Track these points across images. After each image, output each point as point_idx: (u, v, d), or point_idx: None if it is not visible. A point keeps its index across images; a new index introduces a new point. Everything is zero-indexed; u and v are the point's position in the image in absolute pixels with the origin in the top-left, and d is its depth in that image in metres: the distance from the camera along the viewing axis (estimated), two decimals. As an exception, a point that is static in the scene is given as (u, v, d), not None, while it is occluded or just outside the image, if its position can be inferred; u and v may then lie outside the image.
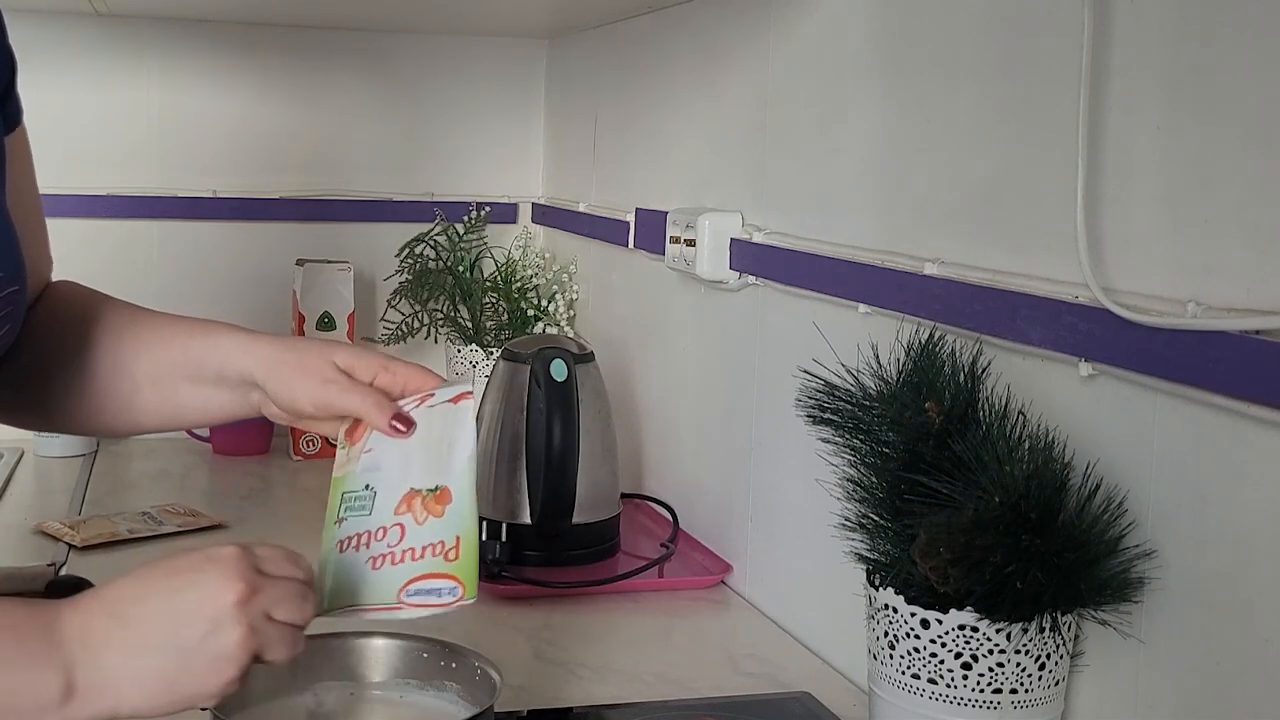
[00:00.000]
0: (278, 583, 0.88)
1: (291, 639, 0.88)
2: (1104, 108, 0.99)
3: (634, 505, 1.88)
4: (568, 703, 1.28)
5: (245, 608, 0.85)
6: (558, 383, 1.64)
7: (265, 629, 0.86)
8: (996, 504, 0.93)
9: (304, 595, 0.89)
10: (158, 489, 2.01)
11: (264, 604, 0.86)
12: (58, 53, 2.31)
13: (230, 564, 0.86)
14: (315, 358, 1.08)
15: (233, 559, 0.87)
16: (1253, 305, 0.86)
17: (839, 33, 1.40)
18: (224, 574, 0.86)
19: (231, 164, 2.40)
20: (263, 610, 0.86)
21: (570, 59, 2.39)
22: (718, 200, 1.68)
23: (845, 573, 1.14)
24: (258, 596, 0.86)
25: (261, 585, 0.86)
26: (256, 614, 0.86)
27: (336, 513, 1.03)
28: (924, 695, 1.00)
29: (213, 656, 0.84)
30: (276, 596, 0.87)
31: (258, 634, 0.86)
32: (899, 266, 1.25)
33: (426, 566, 0.98)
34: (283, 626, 0.87)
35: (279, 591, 0.87)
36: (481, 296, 2.35)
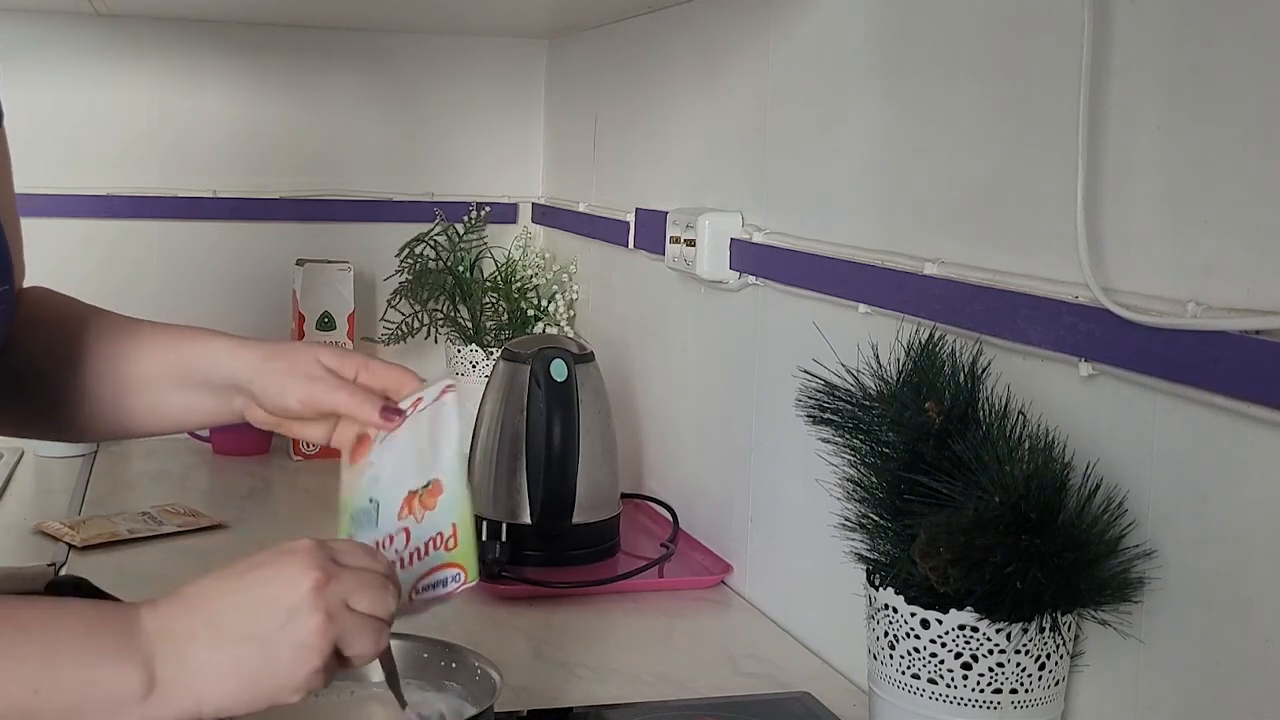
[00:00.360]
0: (355, 572, 0.87)
1: (374, 630, 0.86)
2: (1104, 108, 0.99)
3: (634, 505, 1.88)
4: (568, 703, 1.28)
5: (322, 593, 0.84)
6: (558, 383, 1.64)
7: (344, 617, 0.85)
8: (996, 504, 0.93)
9: (384, 585, 0.88)
10: (158, 489, 2.01)
11: (341, 591, 0.85)
12: (58, 53, 2.31)
13: (306, 554, 0.86)
14: (302, 357, 1.09)
15: (308, 549, 0.86)
16: (1253, 305, 0.86)
17: (839, 33, 1.40)
18: (300, 563, 0.85)
19: (231, 164, 2.40)
20: (341, 598, 0.85)
21: (570, 59, 2.39)
22: (718, 200, 1.68)
23: (845, 573, 1.14)
24: (334, 583, 0.85)
25: (338, 573, 0.86)
26: (334, 601, 0.85)
27: (346, 531, 1.04)
28: (924, 695, 1.00)
29: (293, 645, 0.83)
30: (354, 584, 0.86)
31: (336, 622, 0.84)
32: (899, 266, 1.25)
33: (431, 561, 1.00)
34: (363, 617, 0.86)
35: (357, 579, 0.86)
36: (481, 296, 2.35)
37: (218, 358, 1.11)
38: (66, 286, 2.48)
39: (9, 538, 1.77)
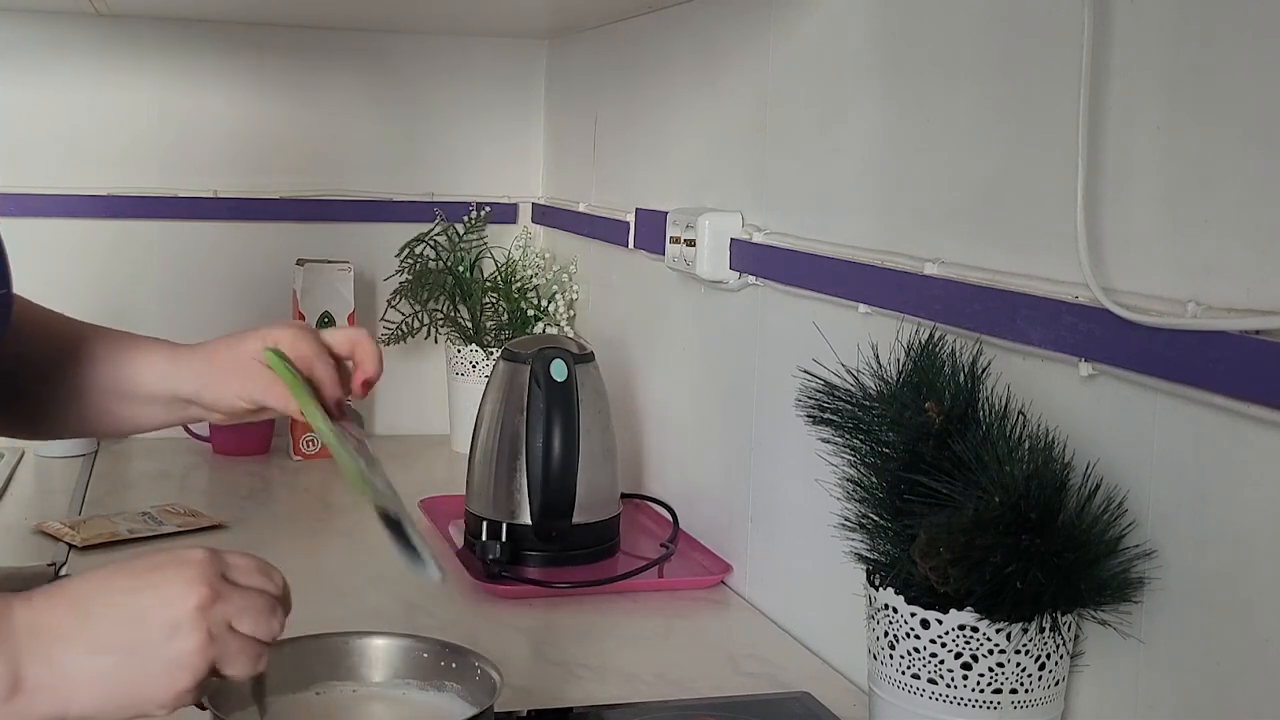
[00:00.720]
0: (245, 593, 0.85)
1: (253, 653, 0.84)
2: (1104, 108, 0.99)
3: (634, 505, 1.88)
4: (568, 703, 1.28)
5: (206, 614, 0.82)
6: (558, 383, 1.64)
7: (226, 639, 0.83)
8: (996, 504, 0.93)
9: (271, 609, 0.86)
10: (158, 489, 2.01)
11: (227, 613, 0.83)
12: (58, 53, 2.31)
13: (196, 567, 0.83)
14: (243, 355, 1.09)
15: (200, 563, 0.84)
16: (1253, 305, 0.86)
17: (839, 33, 1.40)
18: (188, 577, 0.83)
19: (231, 164, 2.40)
20: (225, 619, 0.83)
21: (570, 59, 2.39)
22: (718, 200, 1.68)
23: (845, 573, 1.14)
24: (220, 604, 0.83)
25: (227, 594, 0.83)
26: (218, 622, 0.82)
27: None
28: (924, 695, 1.00)
29: (169, 661, 0.81)
30: (241, 606, 0.84)
31: (217, 643, 0.82)
32: (899, 266, 1.25)
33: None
34: (245, 639, 0.84)
35: (244, 601, 0.84)
36: (481, 296, 2.35)
37: (156, 374, 1.12)
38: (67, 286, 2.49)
39: (9, 538, 1.77)
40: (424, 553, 0.99)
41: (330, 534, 1.84)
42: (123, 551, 1.69)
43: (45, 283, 2.26)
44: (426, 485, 2.03)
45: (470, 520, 1.70)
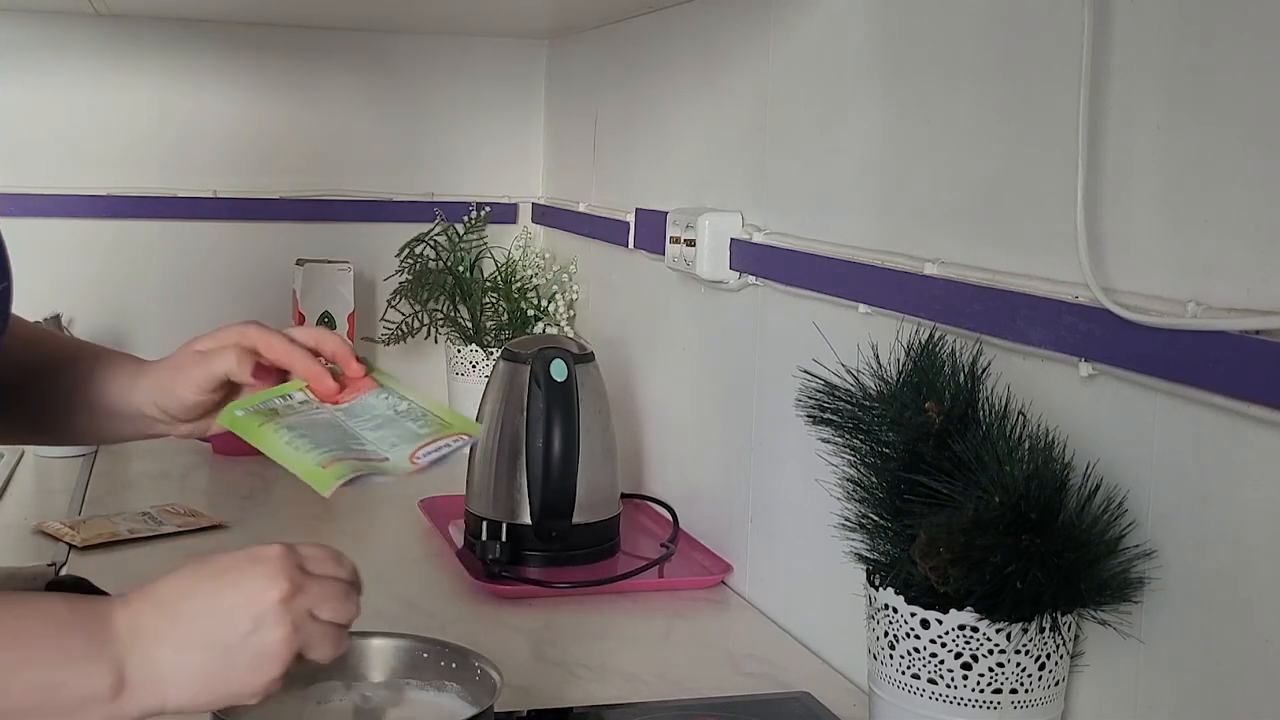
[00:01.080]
0: (322, 582, 0.89)
1: (335, 638, 0.89)
2: (1104, 108, 0.99)
3: (634, 505, 1.88)
4: (568, 703, 1.28)
5: (289, 606, 0.86)
6: (558, 383, 1.64)
7: (309, 628, 0.87)
8: (996, 504, 0.93)
9: (348, 595, 0.90)
10: (158, 489, 2.01)
11: (308, 603, 0.87)
12: (58, 53, 2.31)
13: (275, 562, 0.87)
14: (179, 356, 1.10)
15: (277, 558, 0.87)
16: (1253, 305, 0.86)
17: (839, 33, 1.40)
18: (268, 572, 0.86)
19: (231, 164, 2.40)
20: (306, 609, 0.87)
21: (570, 59, 2.39)
22: (718, 200, 1.68)
23: (845, 573, 1.14)
24: (301, 595, 0.86)
25: (305, 584, 0.87)
26: (300, 613, 0.86)
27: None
28: (924, 695, 1.00)
29: (256, 655, 0.85)
30: (321, 595, 0.88)
31: (301, 633, 0.86)
32: (899, 266, 1.25)
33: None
34: (326, 625, 0.88)
35: (323, 590, 0.88)
36: (481, 296, 2.35)
37: (120, 389, 1.13)
38: (67, 286, 2.49)
39: (9, 538, 1.77)
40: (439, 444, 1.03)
41: (330, 534, 1.84)
42: (123, 552, 1.68)
43: (45, 283, 2.27)
44: (427, 485, 2.03)
45: (470, 520, 1.70)
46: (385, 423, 1.08)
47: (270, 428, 1.05)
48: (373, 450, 1.04)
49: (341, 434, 1.05)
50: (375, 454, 1.03)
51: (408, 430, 1.07)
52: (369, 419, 1.09)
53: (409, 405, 1.10)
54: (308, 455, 1.01)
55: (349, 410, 1.09)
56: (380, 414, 1.09)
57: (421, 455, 1.05)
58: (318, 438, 1.04)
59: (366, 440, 1.05)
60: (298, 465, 1.01)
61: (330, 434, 1.05)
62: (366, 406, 1.10)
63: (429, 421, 1.08)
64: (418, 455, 1.05)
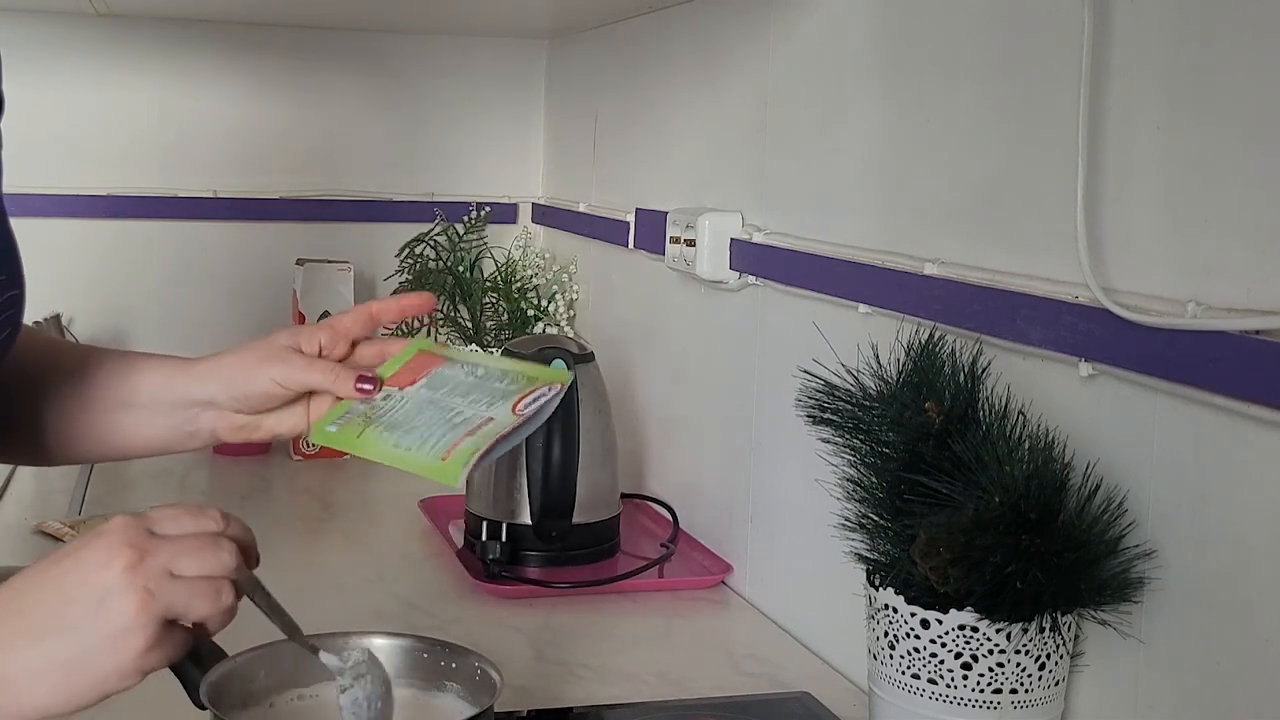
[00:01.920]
0: (177, 540, 0.82)
1: (210, 591, 0.81)
2: (1104, 108, 0.99)
3: (634, 505, 1.88)
4: (568, 703, 1.28)
5: (136, 571, 0.79)
6: (558, 383, 1.64)
7: (169, 588, 0.80)
8: (996, 504, 0.93)
9: (213, 544, 0.83)
10: (158, 489, 2.01)
11: (160, 564, 0.80)
12: (58, 53, 2.31)
13: (115, 533, 0.81)
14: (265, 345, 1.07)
15: (119, 528, 0.81)
16: (1253, 305, 0.86)
17: (839, 33, 1.40)
18: (110, 543, 0.80)
19: (231, 164, 2.40)
20: (161, 569, 0.80)
21: (570, 59, 2.39)
22: (718, 200, 1.68)
23: (845, 573, 1.14)
24: (149, 559, 0.80)
25: (154, 547, 0.81)
26: (155, 575, 0.80)
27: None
28: (924, 695, 1.00)
29: (109, 631, 0.78)
30: (175, 550, 0.81)
31: (159, 596, 0.79)
32: (899, 266, 1.25)
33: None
34: (195, 581, 0.81)
35: (177, 546, 0.82)
36: (481, 296, 2.35)
37: (160, 378, 1.09)
38: (67, 286, 2.49)
39: (9, 538, 1.77)
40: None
41: (330, 534, 1.84)
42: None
43: (45, 283, 2.26)
44: (427, 485, 2.03)
45: (470, 520, 1.70)
46: (471, 388, 1.05)
47: (371, 434, 1.02)
48: (473, 415, 1.01)
49: (438, 412, 1.02)
50: (478, 419, 1.00)
51: (496, 389, 1.04)
52: (453, 388, 1.06)
53: (485, 369, 1.07)
54: (421, 452, 0.98)
55: (430, 384, 1.07)
56: (462, 381, 1.06)
57: (522, 407, 1.02)
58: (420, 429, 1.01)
59: (462, 409, 1.02)
60: (416, 466, 0.98)
61: (428, 417, 1.02)
62: (445, 379, 1.07)
63: (514, 379, 1.05)
64: (519, 407, 1.01)
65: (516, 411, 1.02)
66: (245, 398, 1.07)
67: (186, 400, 1.09)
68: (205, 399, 1.08)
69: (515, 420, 1.00)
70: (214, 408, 1.08)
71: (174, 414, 1.10)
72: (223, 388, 1.07)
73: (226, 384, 1.07)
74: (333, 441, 1.03)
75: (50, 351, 1.15)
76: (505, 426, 1.00)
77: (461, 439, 0.99)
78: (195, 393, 1.09)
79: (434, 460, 0.98)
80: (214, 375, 1.08)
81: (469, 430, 1.00)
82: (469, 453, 0.97)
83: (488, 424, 1.00)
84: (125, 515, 0.83)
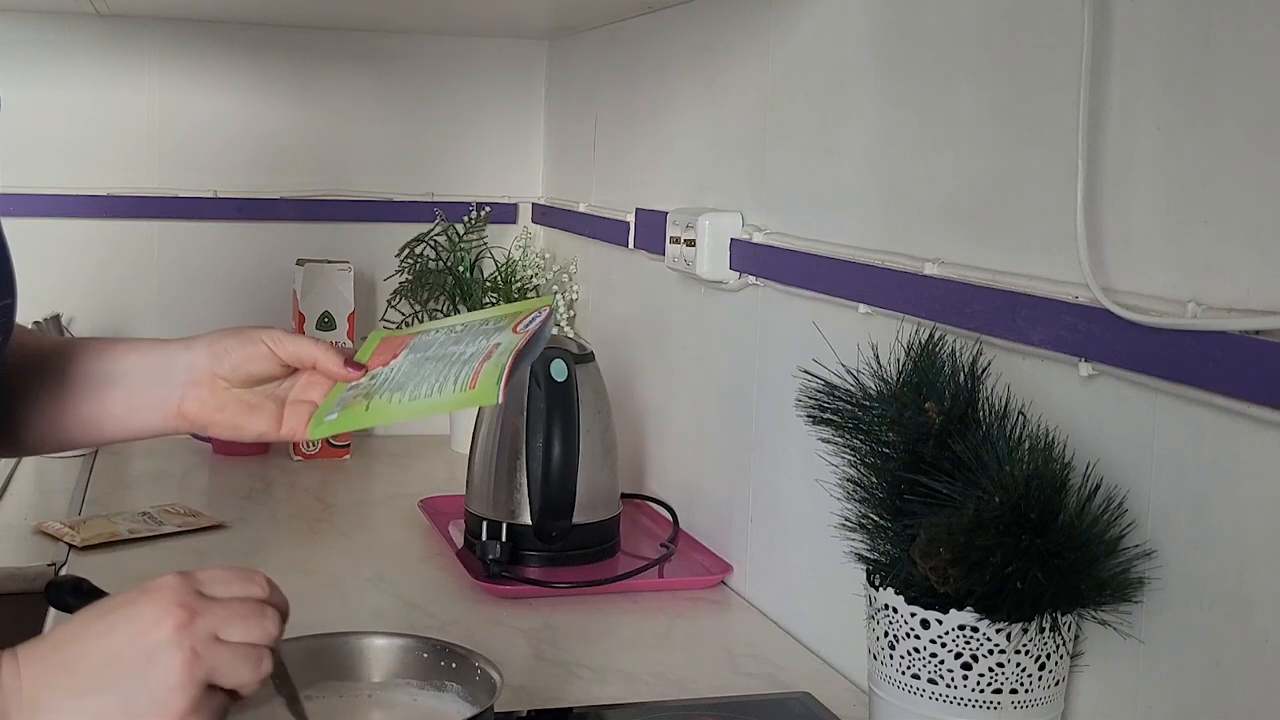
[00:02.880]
0: (225, 603, 0.83)
1: (252, 659, 0.83)
2: (1104, 108, 0.99)
3: (634, 505, 1.88)
4: (568, 703, 1.28)
5: (185, 633, 0.80)
6: (558, 383, 1.64)
7: (215, 652, 0.81)
8: (996, 504, 0.93)
9: (259, 612, 0.84)
10: (158, 489, 2.01)
11: (208, 627, 0.81)
12: (58, 53, 2.31)
13: (167, 591, 0.82)
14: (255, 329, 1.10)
15: (170, 586, 0.83)
16: (1253, 305, 0.86)
17: (839, 33, 1.40)
18: (160, 601, 0.81)
19: (232, 164, 2.40)
20: (209, 632, 0.81)
21: (570, 59, 2.39)
22: (718, 200, 1.68)
23: (845, 573, 1.14)
24: (199, 620, 0.81)
25: (204, 609, 0.82)
26: (201, 638, 0.81)
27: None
28: (924, 695, 1.00)
29: (155, 689, 0.79)
30: (223, 616, 0.82)
31: (204, 659, 0.81)
32: (899, 266, 1.25)
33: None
34: (237, 647, 0.82)
35: (226, 611, 0.83)
36: (481, 296, 2.35)
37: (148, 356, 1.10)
38: (66, 287, 2.49)
39: (9, 538, 1.77)
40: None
41: (330, 534, 1.84)
42: (123, 552, 1.69)
43: (45, 283, 2.27)
44: (426, 485, 2.03)
45: (470, 520, 1.70)
46: (459, 338, 1.05)
47: (379, 403, 1.01)
48: (478, 349, 1.00)
49: (438, 362, 1.02)
50: (484, 349, 1.00)
51: (486, 329, 1.04)
52: (441, 345, 1.06)
53: (463, 324, 1.07)
54: (444, 394, 0.97)
55: (414, 350, 1.07)
56: (446, 339, 1.06)
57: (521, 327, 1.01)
58: (430, 379, 1.00)
59: (462, 350, 1.02)
60: (444, 405, 0.97)
61: (432, 369, 1.01)
62: (427, 343, 1.07)
63: (497, 320, 1.05)
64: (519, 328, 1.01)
65: (518, 331, 1.01)
66: (235, 364, 1.08)
67: (172, 370, 1.10)
68: (191, 368, 1.09)
69: (522, 338, 0.99)
70: (199, 386, 1.09)
71: (158, 387, 1.10)
72: (211, 355, 1.08)
73: (216, 350, 1.08)
74: (338, 427, 1.03)
75: (32, 342, 1.15)
76: (516, 344, 0.99)
77: (480, 366, 0.98)
78: (181, 360, 1.09)
79: (461, 393, 0.96)
80: (202, 343, 1.09)
81: (483, 358, 0.99)
82: (497, 371, 0.96)
83: (497, 349, 0.99)
84: (175, 574, 0.84)
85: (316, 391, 1.09)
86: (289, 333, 1.09)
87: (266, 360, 1.08)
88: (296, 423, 1.09)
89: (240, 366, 1.08)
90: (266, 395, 1.10)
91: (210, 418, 1.10)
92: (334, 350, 1.09)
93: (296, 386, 1.11)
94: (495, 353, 0.99)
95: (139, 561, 1.64)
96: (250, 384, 1.10)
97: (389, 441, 2.38)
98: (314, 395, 1.09)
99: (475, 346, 1.02)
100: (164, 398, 1.10)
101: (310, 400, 1.09)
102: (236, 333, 1.09)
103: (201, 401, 1.09)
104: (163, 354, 1.11)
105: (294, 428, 1.09)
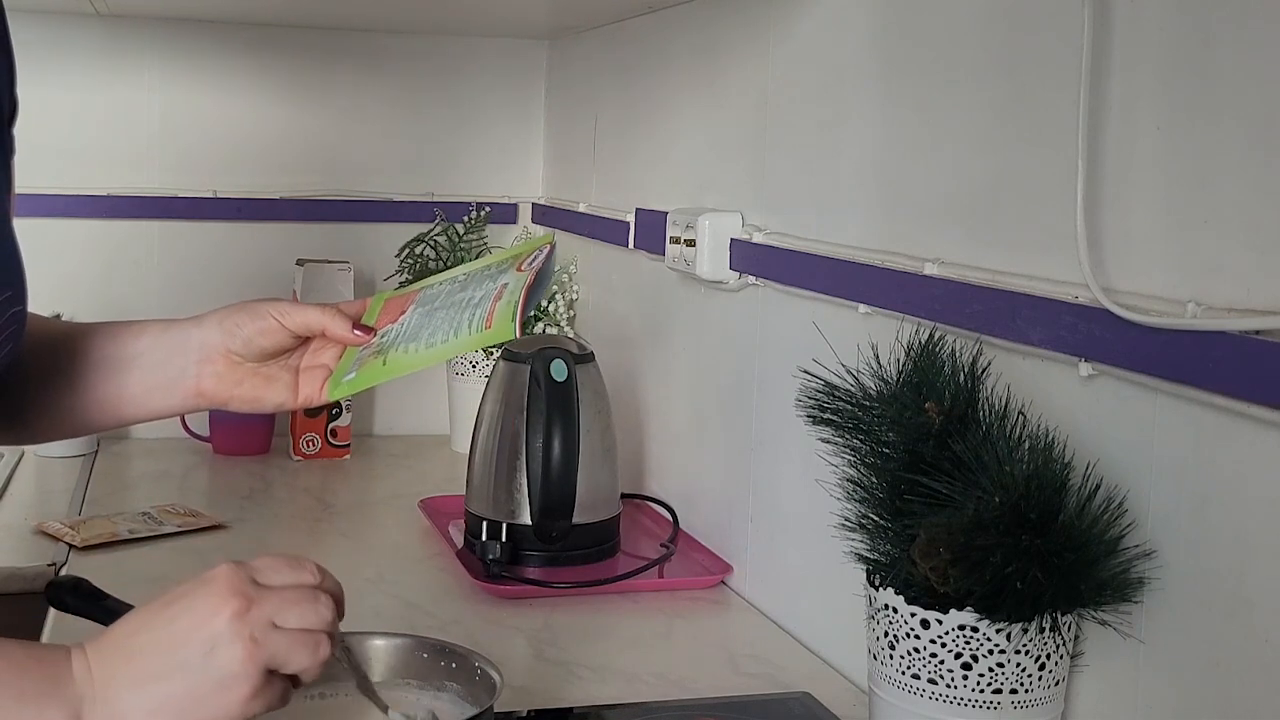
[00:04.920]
0: (279, 591, 0.86)
1: (310, 644, 0.85)
2: (1104, 108, 0.99)
3: (634, 505, 1.88)
4: (568, 703, 1.28)
5: (243, 621, 0.83)
6: (558, 383, 1.64)
7: (273, 639, 0.83)
8: (996, 504, 0.93)
9: (313, 597, 0.87)
10: (158, 489, 2.01)
11: (266, 614, 0.84)
12: (58, 53, 2.31)
13: (223, 580, 0.84)
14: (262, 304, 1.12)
15: (224, 576, 0.85)
16: (1253, 305, 0.86)
17: (839, 33, 1.40)
18: (215, 592, 0.84)
19: (232, 164, 2.40)
20: (266, 621, 0.84)
21: (570, 59, 2.39)
22: (718, 200, 1.68)
23: (845, 573, 1.14)
24: (256, 608, 0.83)
25: (260, 597, 0.84)
26: (259, 626, 0.83)
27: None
28: (924, 695, 1.00)
29: (218, 676, 0.82)
30: (280, 603, 0.85)
31: (264, 646, 0.83)
32: (899, 266, 1.25)
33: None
34: (295, 633, 0.85)
35: (281, 598, 0.85)
36: (481, 296, 2.35)
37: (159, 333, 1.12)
38: (67, 286, 2.49)
39: (9, 538, 1.77)
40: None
41: (330, 534, 1.84)
42: (123, 552, 1.69)
43: (46, 283, 2.26)
44: (426, 485, 2.03)
45: (470, 520, 1.70)
46: (465, 285, 1.06)
47: (395, 355, 1.03)
48: (487, 292, 1.01)
49: (449, 310, 1.03)
50: (493, 291, 1.01)
51: (490, 274, 1.04)
52: (448, 295, 1.06)
53: (465, 275, 1.08)
54: (459, 337, 0.98)
55: (421, 304, 1.08)
56: (452, 289, 1.07)
57: (526, 265, 1.02)
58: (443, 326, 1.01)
59: (471, 295, 1.03)
60: (462, 347, 0.98)
61: (443, 316, 1.02)
62: (432, 296, 1.08)
63: (500, 265, 1.06)
64: (523, 266, 1.02)
65: (523, 269, 1.02)
66: (246, 338, 1.09)
67: (186, 349, 1.11)
68: (203, 345, 1.11)
69: (529, 274, 1.00)
70: (213, 363, 1.11)
71: (171, 365, 1.12)
72: (223, 331, 1.10)
73: (227, 326, 1.10)
74: (357, 385, 1.05)
75: (41, 328, 1.16)
76: (525, 281, 1.00)
77: (493, 306, 0.99)
78: (194, 338, 1.11)
79: (478, 333, 0.98)
80: (212, 320, 1.11)
81: (494, 299, 1.00)
82: (510, 308, 0.97)
83: (505, 289, 1.00)
84: (229, 563, 0.86)
85: (328, 355, 1.12)
86: (294, 303, 1.11)
87: (277, 333, 1.10)
88: (312, 389, 1.11)
89: (252, 341, 1.10)
90: (280, 365, 1.13)
91: (229, 393, 1.12)
92: (341, 315, 1.10)
93: (308, 354, 1.13)
94: (505, 292, 1.01)
95: (139, 562, 1.64)
96: (263, 358, 1.12)
97: (389, 441, 2.38)
98: (326, 359, 1.12)
99: (483, 290, 1.03)
100: (180, 376, 1.12)
101: (323, 364, 1.12)
102: (244, 307, 1.11)
103: (219, 377, 1.12)
104: (175, 333, 1.13)
105: (310, 394, 1.12)
